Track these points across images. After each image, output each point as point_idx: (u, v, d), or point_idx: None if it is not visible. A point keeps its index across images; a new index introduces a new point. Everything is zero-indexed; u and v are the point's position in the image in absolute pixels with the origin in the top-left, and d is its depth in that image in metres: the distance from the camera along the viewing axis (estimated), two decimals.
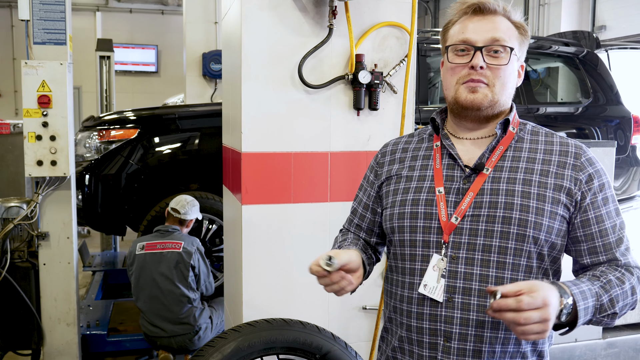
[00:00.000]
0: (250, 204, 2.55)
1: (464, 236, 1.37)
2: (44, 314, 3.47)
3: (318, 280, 1.37)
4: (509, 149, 1.42)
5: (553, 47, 5.62)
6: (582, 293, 1.25)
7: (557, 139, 1.44)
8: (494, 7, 1.41)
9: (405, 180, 1.49)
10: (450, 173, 1.43)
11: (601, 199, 1.38)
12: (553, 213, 1.35)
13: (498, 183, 1.37)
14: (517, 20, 1.44)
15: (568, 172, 1.37)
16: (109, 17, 11.90)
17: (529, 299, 1.14)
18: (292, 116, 2.56)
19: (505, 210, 1.34)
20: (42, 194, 3.35)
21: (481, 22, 1.40)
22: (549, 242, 1.36)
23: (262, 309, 2.59)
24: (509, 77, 1.41)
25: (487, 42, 1.38)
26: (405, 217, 1.44)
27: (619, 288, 1.31)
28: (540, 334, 1.16)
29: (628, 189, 5.83)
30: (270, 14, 2.48)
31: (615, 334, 3.19)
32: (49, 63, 3.18)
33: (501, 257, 1.34)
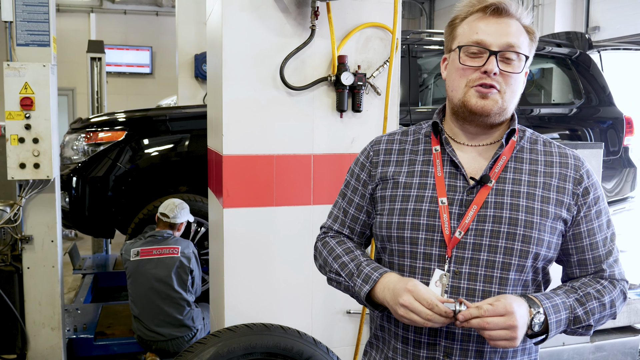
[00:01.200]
0: (231, 207, 2.52)
1: (467, 251, 1.33)
2: (28, 318, 3.43)
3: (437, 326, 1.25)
4: (511, 160, 1.38)
5: (546, 48, 5.61)
6: (555, 307, 1.28)
7: (555, 149, 1.41)
8: (512, 10, 1.35)
9: (404, 186, 1.41)
10: (452, 182, 1.37)
11: (595, 212, 1.37)
12: (554, 229, 1.34)
13: (502, 196, 1.34)
14: (529, 26, 1.39)
15: (569, 186, 1.36)
16: (104, 18, 11.86)
17: (488, 306, 1.20)
18: (274, 118, 2.53)
19: (509, 225, 1.31)
20: (25, 197, 3.31)
21: (497, 24, 1.34)
22: (547, 257, 1.35)
23: (244, 314, 2.56)
24: (519, 85, 1.37)
25: (503, 47, 1.33)
26: (406, 228, 1.37)
27: (597, 301, 1.33)
28: (510, 340, 1.20)
29: (621, 191, 5.82)
30: (251, 15, 2.46)
31: (603, 337, 3.17)
32: (31, 65, 3.14)
33: (504, 273, 1.32)
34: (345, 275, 1.42)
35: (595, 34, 8.63)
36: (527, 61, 1.36)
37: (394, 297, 1.28)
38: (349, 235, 1.53)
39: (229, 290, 2.56)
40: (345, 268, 1.43)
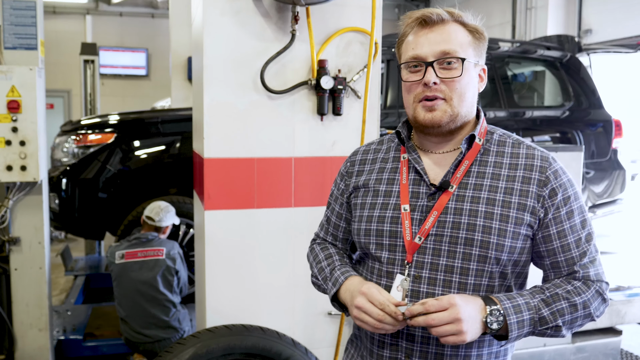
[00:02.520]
0: (213, 210, 2.55)
1: (427, 256, 1.35)
2: (16, 319, 3.46)
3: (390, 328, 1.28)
4: (474, 164, 1.39)
5: (538, 51, 5.65)
6: (516, 307, 1.27)
7: (523, 150, 1.39)
8: (441, 16, 1.36)
9: (372, 194, 1.46)
10: (416, 189, 1.40)
11: (565, 213, 1.35)
12: (516, 233, 1.33)
13: (462, 202, 1.35)
14: (470, 24, 1.39)
15: (532, 189, 1.34)
16: (99, 20, 11.89)
17: (433, 302, 1.22)
18: (255, 122, 2.56)
19: (467, 231, 1.33)
20: (12, 199, 3.34)
21: (430, 34, 1.36)
22: (512, 260, 1.35)
23: (226, 315, 2.59)
24: (467, 88, 1.36)
25: (437, 55, 1.34)
26: (372, 234, 1.42)
27: (566, 302, 1.31)
28: (457, 335, 1.21)
29: (611, 193, 5.84)
30: (232, 19, 2.48)
31: (584, 338, 3.19)
32: (18, 68, 3.17)
33: (463, 277, 1.33)
34: (321, 278, 1.52)
35: (588, 37, 8.67)
36: (465, 63, 1.35)
37: (351, 299, 1.35)
38: (333, 242, 1.62)
39: (211, 292, 2.59)
40: (322, 272, 1.53)
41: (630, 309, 3.43)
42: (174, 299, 3.65)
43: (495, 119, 5.05)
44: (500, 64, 5.28)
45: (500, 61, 5.28)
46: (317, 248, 1.62)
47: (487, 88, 5.26)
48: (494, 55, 5.26)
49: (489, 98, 5.21)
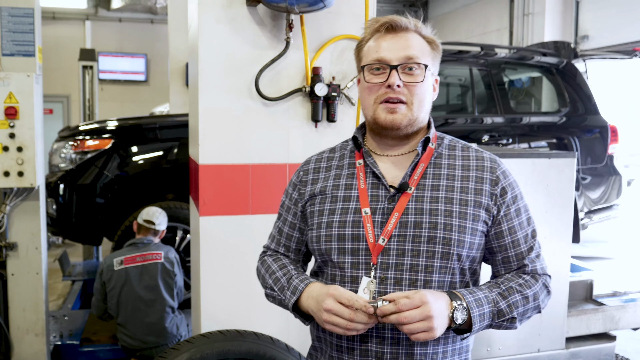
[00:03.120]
0: (208, 215, 2.57)
1: (392, 257, 1.37)
2: (12, 324, 3.47)
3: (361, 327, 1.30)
4: (429, 166, 1.44)
5: (534, 57, 5.67)
6: (478, 300, 1.34)
7: (473, 153, 1.47)
8: (406, 24, 1.42)
9: (330, 200, 1.47)
10: (375, 193, 1.43)
11: (514, 211, 1.44)
12: (474, 229, 1.39)
13: (422, 202, 1.39)
14: (429, 36, 1.45)
15: (486, 187, 1.42)
16: (99, 26, 11.93)
17: (405, 300, 1.26)
18: (250, 128, 2.58)
19: (430, 230, 1.37)
20: (10, 205, 3.36)
21: (394, 40, 1.41)
22: (470, 257, 1.41)
23: (220, 320, 2.60)
24: (426, 94, 1.43)
25: (402, 60, 1.39)
26: (333, 240, 1.43)
27: (519, 294, 1.39)
28: (428, 332, 1.26)
29: (607, 199, 5.86)
30: (227, 27, 2.51)
31: (578, 344, 3.20)
32: (15, 75, 3.19)
33: (428, 275, 1.37)
34: (278, 289, 1.50)
35: (584, 43, 8.71)
36: (427, 70, 1.41)
37: (318, 303, 1.34)
38: (285, 253, 1.60)
39: (205, 297, 2.60)
40: (278, 283, 1.50)
41: (624, 315, 3.45)
42: (173, 304, 3.66)
43: (493, 124, 5.07)
44: (497, 70, 5.31)
45: (496, 67, 5.31)
46: (268, 260, 1.60)
47: (483, 94, 5.29)
48: (490, 61, 5.29)
49: (485, 104, 5.24)
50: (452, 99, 5.97)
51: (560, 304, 3.07)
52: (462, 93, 5.74)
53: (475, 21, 11.13)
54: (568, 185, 3.03)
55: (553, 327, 3.07)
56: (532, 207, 2.85)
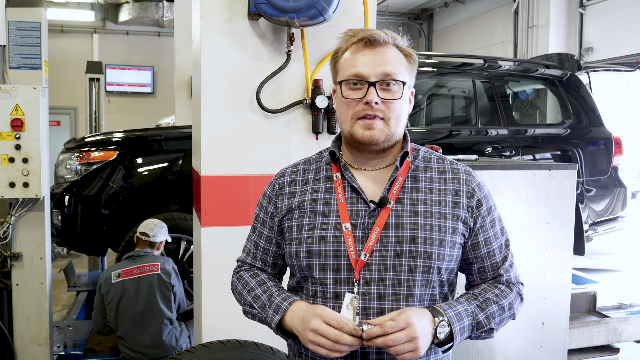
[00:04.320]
0: (209, 226, 2.59)
1: (374, 272, 1.37)
2: (16, 334, 3.50)
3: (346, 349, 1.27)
4: (407, 180, 1.44)
5: (537, 69, 5.69)
6: (458, 315, 1.35)
7: (448, 165, 1.49)
8: (384, 38, 1.40)
9: (309, 215, 1.44)
10: (354, 207, 1.41)
11: (489, 222, 1.46)
12: (453, 242, 1.41)
13: (401, 216, 1.39)
14: (406, 49, 1.44)
15: (463, 200, 1.43)
16: (106, 39, 12.07)
17: (391, 323, 1.25)
18: (251, 140, 2.61)
19: (410, 244, 1.37)
20: (15, 215, 3.40)
21: (372, 54, 1.39)
22: (449, 269, 1.42)
23: (221, 330, 2.62)
24: (403, 110, 1.42)
25: (380, 76, 1.38)
26: (314, 256, 1.41)
27: (496, 305, 1.41)
28: (414, 352, 1.26)
29: (612, 210, 5.85)
30: (229, 40, 2.55)
31: (581, 356, 3.19)
32: (22, 87, 3.25)
33: (410, 289, 1.37)
34: (258, 307, 1.47)
35: (589, 55, 8.73)
36: (404, 86, 1.41)
37: (303, 323, 1.32)
38: (262, 267, 1.57)
39: (207, 307, 2.62)
40: (258, 300, 1.47)
41: (628, 327, 3.43)
42: (171, 315, 3.67)
43: (496, 136, 5.09)
44: (500, 82, 5.33)
45: (499, 80, 5.33)
46: (245, 275, 1.56)
47: (487, 106, 5.31)
48: (493, 73, 5.32)
49: (488, 116, 5.25)
50: (456, 111, 5.99)
51: (561, 316, 3.06)
52: (466, 105, 5.76)
53: (479, 34, 11.18)
54: (569, 196, 3.03)
55: (555, 339, 3.06)
56: (532, 218, 2.89)
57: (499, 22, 10.54)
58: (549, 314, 2.96)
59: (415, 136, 4.86)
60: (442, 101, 6.03)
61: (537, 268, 2.91)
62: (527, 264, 2.87)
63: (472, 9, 11.52)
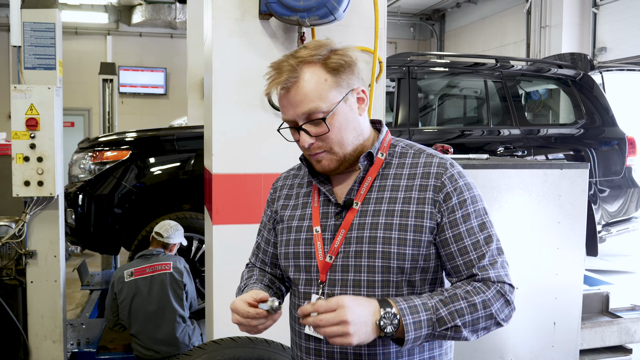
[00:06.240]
0: (220, 224, 2.61)
1: (338, 273, 1.38)
2: (31, 331, 3.54)
3: (245, 322, 1.37)
4: (377, 178, 1.42)
5: (550, 69, 5.66)
6: (412, 307, 1.25)
7: (422, 159, 1.41)
8: (293, 77, 1.33)
9: (288, 219, 1.50)
10: (325, 210, 1.44)
11: (461, 216, 1.36)
12: (417, 241, 1.34)
13: (365, 217, 1.38)
14: (330, 59, 1.35)
15: (429, 195, 1.36)
16: (120, 40, 12.18)
17: (322, 302, 1.22)
18: (262, 138, 2.63)
19: (369, 244, 1.36)
20: (30, 214, 3.44)
21: (289, 96, 1.35)
22: (419, 268, 1.36)
23: (232, 327, 2.62)
24: (343, 131, 1.37)
25: (303, 118, 1.35)
26: (290, 257, 1.47)
27: (464, 301, 1.29)
28: (343, 337, 1.19)
29: (626, 211, 5.80)
30: (240, 40, 2.57)
31: (593, 357, 3.17)
32: (37, 87, 3.29)
33: (370, 290, 1.36)
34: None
35: (602, 55, 8.67)
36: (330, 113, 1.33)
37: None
38: (262, 267, 1.64)
39: (218, 304, 2.64)
40: (238, 292, 1.57)
41: None
42: (184, 313, 3.70)
43: (509, 136, 5.07)
44: (512, 82, 5.32)
45: (511, 80, 5.31)
46: (244, 273, 1.65)
47: (499, 106, 5.30)
48: (505, 73, 5.30)
49: (501, 116, 5.24)
50: (468, 111, 5.98)
51: (573, 316, 3.05)
52: (478, 105, 5.75)
53: (492, 34, 11.14)
54: (581, 196, 3.02)
55: (566, 339, 3.04)
56: (544, 217, 2.88)
57: (512, 22, 10.50)
58: (561, 314, 2.94)
59: (427, 136, 4.86)
60: (454, 101, 6.02)
61: (548, 267, 2.89)
62: (539, 263, 2.86)
63: (484, 9, 11.49)
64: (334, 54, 1.37)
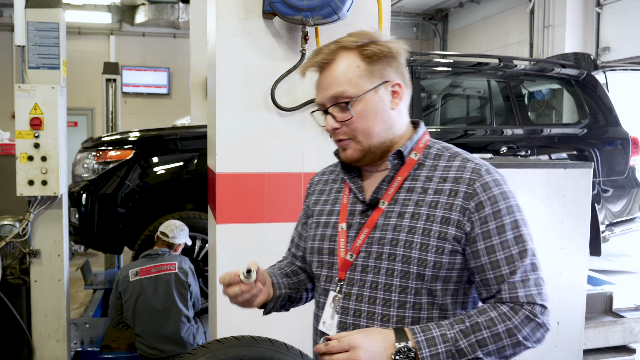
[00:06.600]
0: (224, 223, 2.62)
1: (357, 273, 1.36)
2: (35, 330, 3.55)
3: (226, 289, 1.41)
4: (407, 179, 1.37)
5: (553, 69, 5.66)
6: (430, 340, 1.22)
7: (457, 163, 1.36)
8: (327, 59, 1.34)
9: (317, 214, 1.51)
10: (353, 208, 1.42)
11: (495, 228, 1.28)
12: (440, 247, 1.29)
13: (390, 218, 1.34)
14: (368, 48, 1.34)
15: (458, 202, 1.30)
16: (123, 40, 12.20)
17: (335, 342, 1.22)
18: (266, 138, 2.63)
19: (391, 246, 1.32)
20: (33, 213, 3.45)
21: (323, 78, 1.36)
22: (440, 277, 1.30)
23: (235, 326, 2.64)
24: (370, 120, 1.35)
25: (330, 101, 1.35)
26: (314, 252, 1.47)
27: (487, 331, 1.23)
28: None
29: (630, 211, 5.79)
30: (243, 39, 2.57)
31: (596, 356, 3.17)
32: (40, 87, 3.30)
33: (387, 294, 1.32)
34: None
35: (606, 55, 8.65)
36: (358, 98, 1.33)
37: None
38: (292, 260, 1.65)
39: (221, 303, 2.64)
40: None
41: None
42: (188, 313, 3.71)
43: (512, 136, 5.06)
44: (515, 82, 5.31)
45: (514, 79, 5.31)
46: (276, 264, 1.67)
47: (502, 106, 5.29)
48: (508, 73, 5.29)
49: (504, 116, 5.23)
50: (471, 111, 5.97)
51: (577, 316, 3.04)
52: (481, 105, 5.74)
53: (495, 34, 11.13)
54: (584, 195, 3.01)
55: (570, 338, 3.04)
56: (547, 217, 2.87)
57: (515, 22, 10.49)
58: (564, 314, 2.94)
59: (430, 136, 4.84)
60: (457, 101, 6.02)
61: (552, 267, 2.89)
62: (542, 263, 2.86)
63: (487, 9, 11.48)
64: (373, 44, 1.34)
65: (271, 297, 1.49)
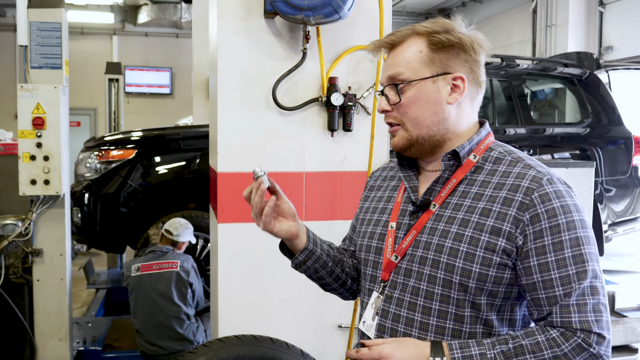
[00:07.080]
0: (225, 223, 2.62)
1: (400, 276, 1.31)
2: (37, 329, 3.56)
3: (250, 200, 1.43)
4: (462, 182, 1.29)
5: (556, 68, 5.65)
6: (468, 358, 1.16)
7: (517, 169, 1.25)
8: (400, 38, 1.32)
9: (370, 211, 1.47)
10: (405, 207, 1.37)
11: (551, 244, 1.17)
12: (487, 259, 1.20)
13: (438, 222, 1.28)
14: (439, 35, 1.28)
15: (512, 212, 1.20)
16: (125, 40, 12.22)
17: (365, 350, 1.20)
18: (267, 137, 2.63)
19: (435, 253, 1.25)
20: (36, 212, 3.46)
21: (389, 57, 1.35)
22: (485, 290, 1.22)
23: (237, 325, 2.64)
24: (420, 108, 1.29)
25: (386, 81, 1.33)
26: (363, 250, 1.43)
27: (531, 355, 1.14)
28: None
29: (632, 210, 5.78)
30: (245, 39, 2.58)
31: None
32: (43, 86, 3.31)
33: (427, 302, 1.26)
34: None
35: (609, 54, 8.63)
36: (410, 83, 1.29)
37: None
38: (345, 247, 1.60)
39: (223, 302, 2.65)
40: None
41: None
42: (189, 311, 3.72)
43: (514, 135, 5.06)
44: (518, 81, 5.30)
45: (517, 79, 5.30)
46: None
47: (504, 105, 5.28)
48: (510, 72, 5.29)
49: (506, 115, 5.23)
50: None
51: None
52: (484, 104, 5.72)
53: (497, 33, 11.10)
54: (586, 195, 3.01)
55: None
56: None
57: (517, 21, 10.46)
58: None
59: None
60: None
61: None
62: None
63: (489, 8, 11.46)
64: (445, 32, 1.29)
65: (303, 246, 1.44)
